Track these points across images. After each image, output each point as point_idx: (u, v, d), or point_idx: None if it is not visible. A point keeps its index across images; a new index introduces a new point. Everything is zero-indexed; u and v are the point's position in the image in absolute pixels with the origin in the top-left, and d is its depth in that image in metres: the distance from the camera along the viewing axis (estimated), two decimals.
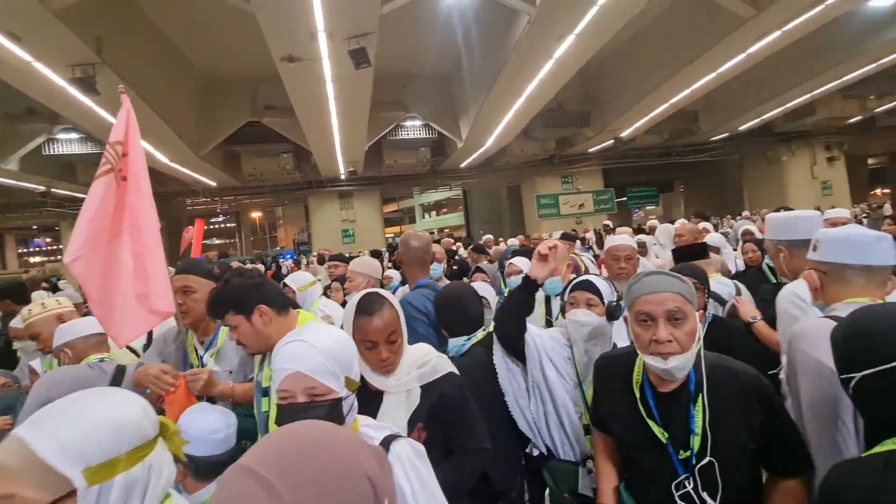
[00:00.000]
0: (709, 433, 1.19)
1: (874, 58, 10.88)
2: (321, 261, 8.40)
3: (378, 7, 6.45)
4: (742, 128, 15.31)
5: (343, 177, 15.46)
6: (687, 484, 1.21)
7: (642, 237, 4.66)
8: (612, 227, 9.65)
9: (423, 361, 1.39)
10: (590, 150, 15.86)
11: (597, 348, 1.69)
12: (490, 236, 9.26)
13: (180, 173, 13.25)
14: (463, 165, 16.01)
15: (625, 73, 11.81)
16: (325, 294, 3.58)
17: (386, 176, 16.02)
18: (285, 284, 2.89)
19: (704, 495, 1.19)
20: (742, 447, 1.20)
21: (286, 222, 34.85)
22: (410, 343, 1.47)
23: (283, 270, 12.10)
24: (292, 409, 0.99)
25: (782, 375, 1.57)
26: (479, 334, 1.85)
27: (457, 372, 1.44)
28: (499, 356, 1.78)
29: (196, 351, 1.95)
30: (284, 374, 1.01)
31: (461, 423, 1.38)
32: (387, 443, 1.04)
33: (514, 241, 8.79)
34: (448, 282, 3.25)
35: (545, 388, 1.72)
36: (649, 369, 1.28)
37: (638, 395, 1.30)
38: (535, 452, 1.77)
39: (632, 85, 11.61)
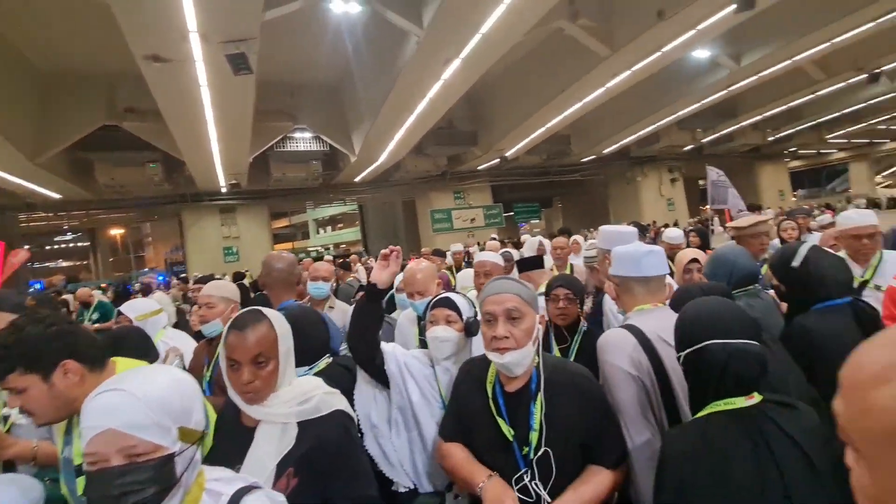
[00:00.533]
0: (544, 428, 1.29)
1: (699, 98, 13.27)
2: (146, 291, 7.12)
3: (259, 12, 6.14)
4: (606, 151, 17.47)
5: (224, 190, 14.22)
6: (525, 477, 1.29)
7: (510, 250, 5.03)
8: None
9: (308, 396, 1.22)
10: (479, 168, 16.77)
11: (457, 366, 1.61)
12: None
13: (9, 183, 11.00)
14: (357, 179, 15.82)
15: (508, 97, 12.80)
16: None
17: (274, 190, 15.13)
18: (120, 312, 2.45)
19: (538, 485, 1.28)
20: (574, 440, 1.31)
21: (156, 240, 30.76)
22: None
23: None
24: (104, 476, 0.81)
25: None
26: (322, 363, 1.73)
27: (349, 411, 1.31)
28: (362, 383, 1.67)
29: None
30: (93, 433, 0.82)
31: (342, 470, 1.21)
32: (237, 498, 0.91)
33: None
34: (337, 301, 3.14)
35: (410, 412, 1.62)
36: (497, 368, 1.38)
37: (490, 394, 1.38)
38: (402, 489, 1.62)
39: (514, 108, 12.61)
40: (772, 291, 2.05)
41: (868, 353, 0.42)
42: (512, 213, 22.25)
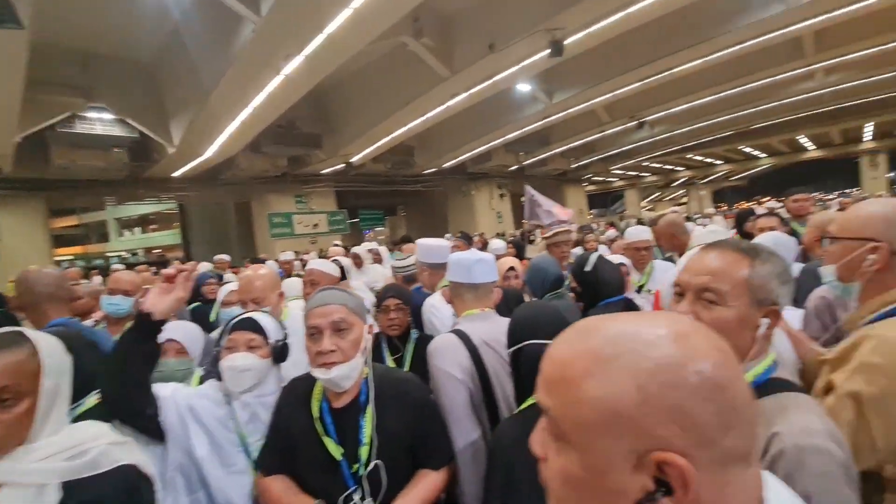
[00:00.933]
0: (375, 441, 1.26)
1: (522, 125, 15.25)
2: None
3: None
4: (446, 165, 18.70)
5: None
6: (354, 495, 1.25)
7: (341, 259, 5.04)
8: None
9: (83, 448, 0.95)
10: (323, 172, 16.21)
11: (261, 399, 1.43)
12: (225, 256, 8.13)
13: None
14: (177, 174, 13.71)
15: (355, 104, 12.70)
16: None
17: (56, 180, 12.08)
18: None
19: (368, 502, 1.24)
20: (404, 447, 1.31)
21: None
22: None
23: None
24: None
25: None
26: (89, 402, 1.40)
27: (144, 467, 1.03)
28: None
29: None
30: None
31: None
32: None
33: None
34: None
35: (194, 471, 1.35)
36: (323, 384, 1.31)
37: (316, 413, 1.30)
38: None
39: (360, 115, 12.58)
40: (572, 294, 2.44)
41: (571, 350, 0.47)
42: (357, 220, 22.06)
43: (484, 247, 8.54)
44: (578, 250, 4.35)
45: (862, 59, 13.66)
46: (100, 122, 10.87)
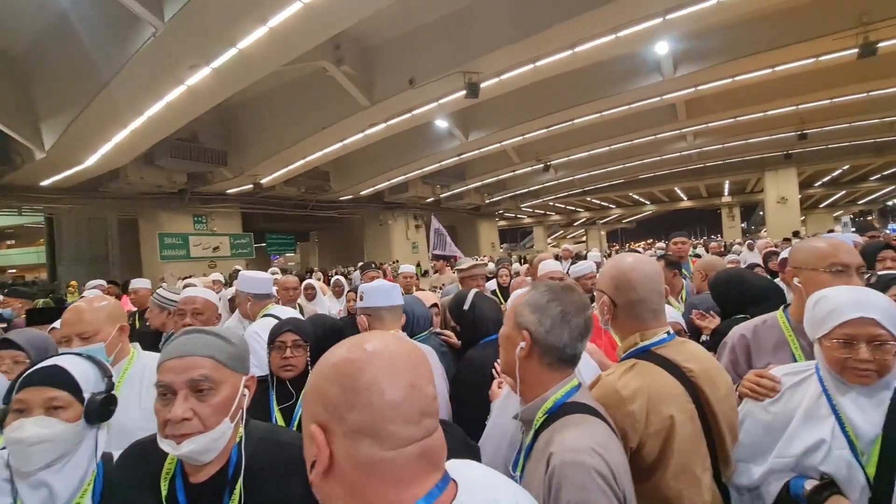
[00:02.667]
0: None
1: (439, 159, 15.72)
2: None
3: None
4: (363, 193, 18.53)
5: None
6: None
7: (312, 281, 4.71)
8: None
9: None
10: (228, 192, 15.13)
11: (64, 474, 1.05)
12: (100, 281, 6.85)
13: None
14: (46, 184, 11.88)
15: (267, 123, 12.15)
16: None
17: None
18: None
19: None
20: None
21: None
22: None
23: None
24: None
25: None
26: None
27: None
28: None
29: None
30: None
31: None
32: None
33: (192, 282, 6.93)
34: None
35: None
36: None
37: (165, 491, 0.99)
38: None
39: (273, 135, 12.05)
40: (448, 333, 2.29)
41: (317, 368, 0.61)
42: (264, 244, 20.78)
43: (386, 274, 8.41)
44: (492, 284, 4.45)
45: (720, 128, 16.40)
46: None
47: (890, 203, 37.13)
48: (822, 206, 35.94)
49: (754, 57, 9.97)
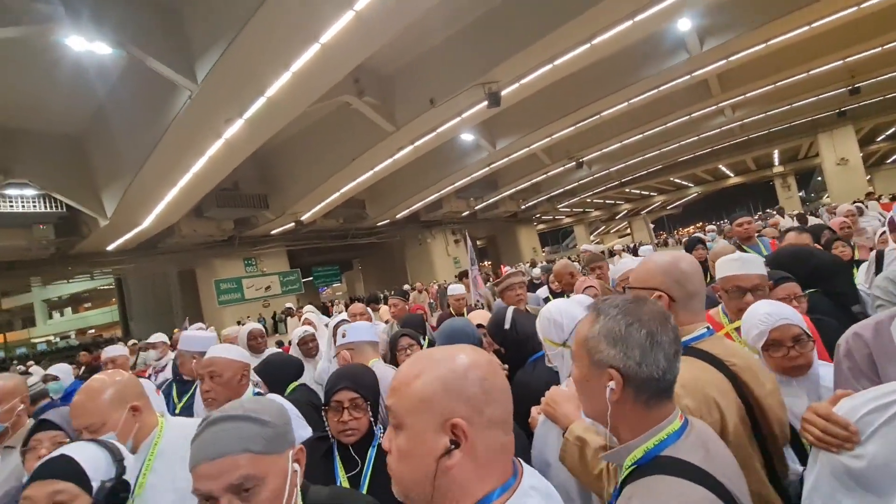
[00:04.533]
0: None
1: (469, 172, 15.73)
2: None
3: None
4: (399, 216, 18.82)
5: None
6: None
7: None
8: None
9: None
10: (273, 232, 15.81)
11: None
12: (160, 336, 7.32)
13: None
14: (111, 248, 12.88)
15: (300, 162, 12.67)
16: None
17: None
18: None
19: None
20: None
21: None
22: None
23: None
24: None
25: None
26: None
27: None
28: None
29: None
30: None
31: None
32: None
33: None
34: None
35: None
36: None
37: None
38: None
39: (307, 173, 12.53)
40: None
41: (407, 368, 0.71)
42: (311, 278, 21.47)
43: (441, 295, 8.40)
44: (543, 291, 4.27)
45: (760, 96, 15.44)
46: (20, 199, 10.15)
47: None
48: (889, 161, 32.86)
49: (787, 18, 9.36)
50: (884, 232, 2.58)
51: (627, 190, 31.69)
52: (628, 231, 43.29)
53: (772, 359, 1.41)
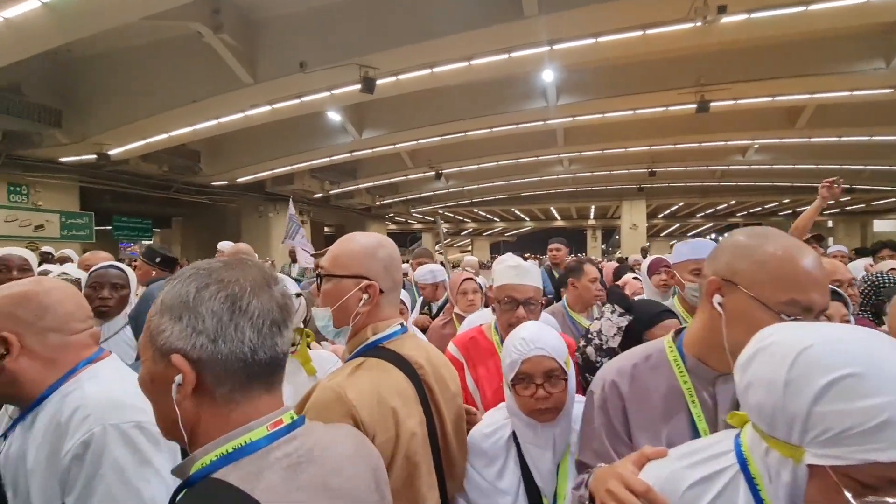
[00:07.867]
0: None
1: (330, 154, 14.98)
2: None
3: None
4: (240, 179, 16.84)
5: None
6: None
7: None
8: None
9: None
10: (62, 159, 12.52)
11: None
12: None
13: None
14: None
15: (121, 85, 10.28)
16: None
17: None
18: None
19: None
20: None
21: None
22: None
23: None
24: None
25: None
26: None
27: None
28: None
29: None
30: None
31: None
32: None
33: None
34: None
35: None
36: None
37: None
38: None
39: (127, 100, 10.25)
40: None
41: None
42: (111, 227, 17.69)
43: None
44: None
45: (591, 157, 18.44)
46: None
47: (710, 237, 45.56)
48: (661, 234, 42.61)
49: (619, 98, 11.35)
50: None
51: (475, 210, 34.28)
52: (470, 248, 46.75)
53: (520, 398, 1.16)
